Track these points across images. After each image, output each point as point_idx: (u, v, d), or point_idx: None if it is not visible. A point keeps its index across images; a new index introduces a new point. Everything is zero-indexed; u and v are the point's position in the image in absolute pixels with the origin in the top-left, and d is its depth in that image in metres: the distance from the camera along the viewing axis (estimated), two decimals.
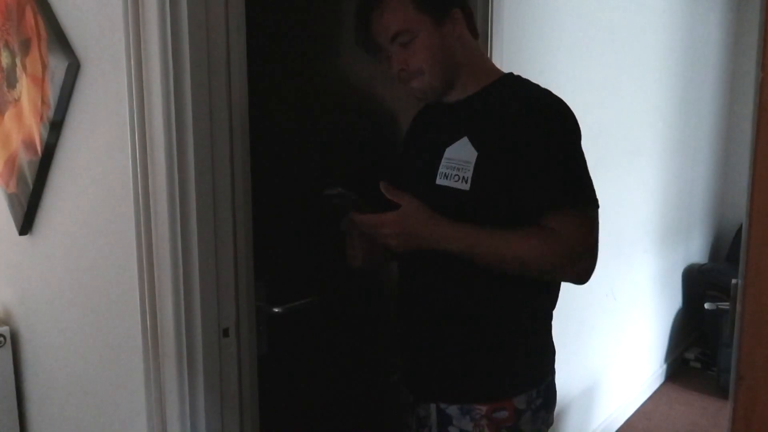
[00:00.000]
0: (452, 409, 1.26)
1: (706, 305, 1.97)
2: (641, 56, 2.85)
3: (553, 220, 1.14)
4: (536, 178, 1.14)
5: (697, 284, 3.69)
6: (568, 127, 1.17)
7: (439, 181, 1.20)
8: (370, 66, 1.56)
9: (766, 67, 0.75)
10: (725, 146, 3.99)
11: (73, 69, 1.27)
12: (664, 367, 3.58)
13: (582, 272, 1.17)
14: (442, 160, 1.21)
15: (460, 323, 1.26)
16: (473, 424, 1.24)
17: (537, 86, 1.23)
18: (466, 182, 1.16)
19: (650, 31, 2.92)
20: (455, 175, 1.18)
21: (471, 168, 1.16)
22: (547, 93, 1.20)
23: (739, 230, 3.71)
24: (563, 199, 1.15)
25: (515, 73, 1.28)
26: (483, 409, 1.23)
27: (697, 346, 3.81)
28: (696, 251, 3.85)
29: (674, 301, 3.68)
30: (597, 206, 1.19)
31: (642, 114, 2.96)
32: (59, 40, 1.28)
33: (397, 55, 1.21)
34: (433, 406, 1.29)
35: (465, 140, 1.19)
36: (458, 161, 1.18)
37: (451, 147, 1.20)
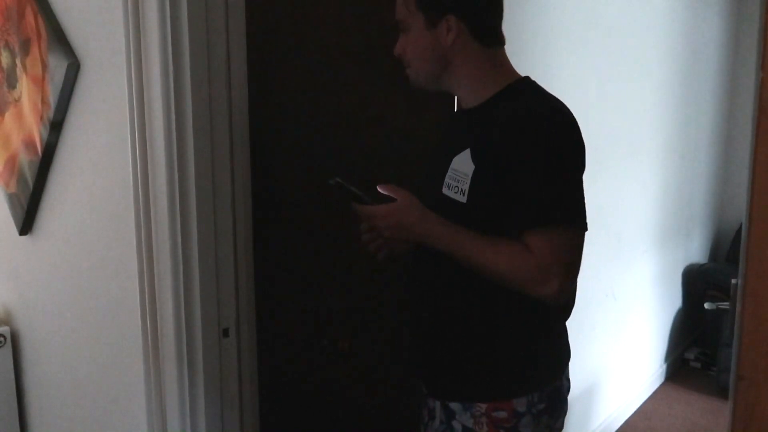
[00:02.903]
0: (455, 405, 1.28)
1: (706, 305, 1.96)
2: (642, 56, 2.85)
3: (528, 237, 1.14)
4: (517, 196, 1.14)
5: (697, 284, 3.69)
6: (557, 145, 1.15)
7: (444, 190, 1.23)
8: (371, 67, 1.56)
9: (766, 67, 0.75)
10: (725, 146, 3.99)
11: (73, 69, 1.27)
12: (664, 366, 3.58)
13: (550, 294, 1.14)
14: (449, 170, 1.22)
15: (460, 323, 1.28)
16: (473, 421, 1.25)
17: (540, 97, 1.21)
18: (464, 195, 1.18)
19: (650, 31, 2.92)
20: (456, 186, 1.20)
21: (468, 181, 1.18)
22: (544, 107, 1.18)
23: (739, 230, 3.71)
24: (540, 217, 1.14)
25: (531, 78, 1.26)
26: (483, 407, 1.25)
27: (697, 346, 3.80)
28: (696, 251, 3.85)
29: (674, 301, 3.68)
30: (579, 227, 1.16)
31: (642, 114, 2.96)
32: (59, 40, 1.28)
33: (399, 40, 1.26)
34: (437, 401, 1.32)
35: (467, 152, 1.19)
36: (460, 173, 1.20)
37: (456, 157, 1.21)
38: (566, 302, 1.29)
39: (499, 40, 1.27)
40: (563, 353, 1.35)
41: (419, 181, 1.36)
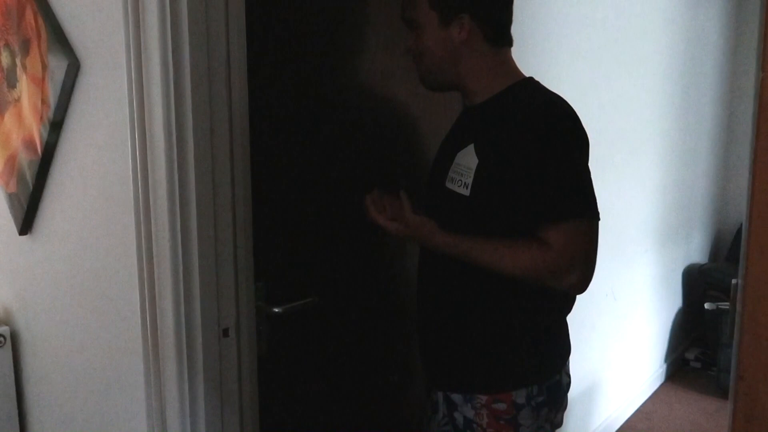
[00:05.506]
0: (456, 396, 1.31)
1: (706, 305, 1.97)
2: (642, 56, 2.85)
3: (545, 232, 1.17)
4: (530, 190, 1.17)
5: (697, 284, 3.69)
6: (564, 139, 1.18)
7: (447, 184, 1.26)
8: (372, 66, 1.56)
9: (766, 67, 0.76)
10: (725, 146, 3.99)
11: (73, 69, 1.27)
12: (664, 367, 3.58)
13: (574, 283, 1.19)
14: (453, 165, 1.26)
15: (462, 316, 1.31)
16: (474, 412, 1.28)
17: (546, 94, 1.24)
18: (467, 188, 1.21)
19: (651, 31, 2.92)
20: (459, 180, 1.23)
21: (472, 175, 1.21)
22: (551, 102, 1.21)
23: (739, 230, 3.71)
24: (555, 211, 1.17)
25: (535, 78, 1.29)
26: (483, 398, 1.27)
27: (697, 346, 3.80)
28: (696, 251, 3.85)
29: (674, 301, 3.68)
30: (594, 217, 1.19)
31: (642, 114, 2.96)
32: (59, 40, 1.28)
33: (410, 35, 1.30)
34: (440, 393, 1.34)
35: (471, 147, 1.23)
36: (463, 167, 1.23)
37: (460, 152, 1.25)
38: (570, 295, 1.32)
39: (508, 41, 1.30)
40: (563, 348, 1.36)
41: (424, 178, 1.38)
